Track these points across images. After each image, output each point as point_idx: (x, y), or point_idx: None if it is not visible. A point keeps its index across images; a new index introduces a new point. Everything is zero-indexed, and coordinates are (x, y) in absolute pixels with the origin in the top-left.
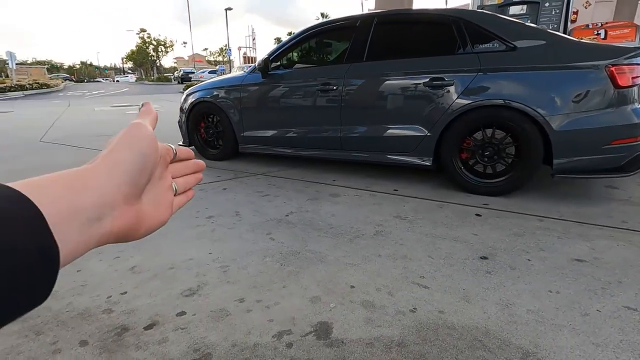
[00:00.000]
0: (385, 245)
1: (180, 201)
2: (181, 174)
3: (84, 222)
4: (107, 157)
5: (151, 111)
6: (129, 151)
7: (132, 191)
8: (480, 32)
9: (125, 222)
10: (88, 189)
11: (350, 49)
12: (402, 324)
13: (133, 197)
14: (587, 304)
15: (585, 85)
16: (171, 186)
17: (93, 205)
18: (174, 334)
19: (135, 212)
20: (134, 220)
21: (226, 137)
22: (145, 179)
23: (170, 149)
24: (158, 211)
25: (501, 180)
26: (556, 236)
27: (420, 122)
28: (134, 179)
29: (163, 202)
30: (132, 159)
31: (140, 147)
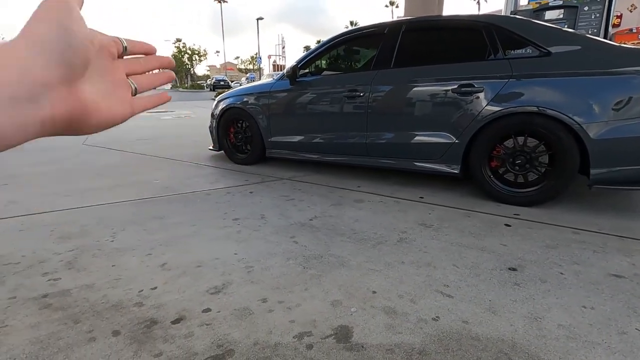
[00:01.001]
0: (409, 253)
1: (145, 102)
2: (141, 71)
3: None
4: (24, 32)
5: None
6: (48, 23)
7: (65, 71)
8: (511, 38)
9: (69, 108)
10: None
11: (378, 55)
12: (423, 332)
13: (69, 79)
14: (624, 322)
15: (626, 91)
16: (126, 82)
17: (15, 83)
18: (199, 329)
19: (78, 97)
20: (79, 107)
21: (254, 142)
22: (78, 59)
23: (117, 39)
24: (111, 105)
25: (533, 190)
26: (592, 250)
27: (448, 129)
28: (63, 56)
29: (116, 96)
30: (55, 34)
31: (60, 19)
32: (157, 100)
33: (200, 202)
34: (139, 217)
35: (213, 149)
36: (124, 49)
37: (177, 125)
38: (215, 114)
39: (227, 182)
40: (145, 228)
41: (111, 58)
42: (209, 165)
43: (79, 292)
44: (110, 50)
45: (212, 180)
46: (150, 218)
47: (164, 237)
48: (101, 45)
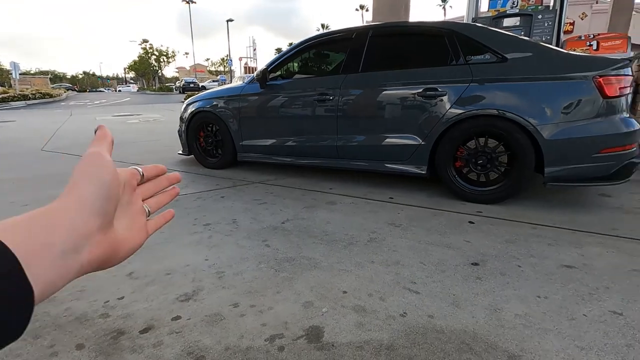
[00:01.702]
0: (379, 252)
1: (156, 223)
2: (152, 193)
3: (58, 256)
4: (71, 192)
5: (106, 135)
6: (90, 183)
7: (103, 220)
8: (471, 44)
9: (103, 251)
10: (58, 225)
11: (346, 60)
12: (392, 328)
13: (105, 226)
14: (574, 308)
15: (574, 95)
16: (143, 209)
17: (66, 239)
18: (169, 337)
19: (110, 239)
20: (111, 248)
21: (225, 146)
22: (112, 207)
23: (136, 171)
24: (132, 235)
25: (494, 189)
26: (547, 243)
27: (414, 132)
28: (102, 208)
29: (136, 226)
30: (96, 190)
31: (100, 177)
32: (165, 219)
33: (169, 208)
34: None
35: (182, 153)
36: (141, 177)
37: (144, 129)
38: (184, 118)
39: (198, 187)
40: None
41: (133, 191)
42: (179, 170)
43: (39, 306)
44: (132, 185)
45: (181, 186)
46: None
47: None
48: (125, 183)
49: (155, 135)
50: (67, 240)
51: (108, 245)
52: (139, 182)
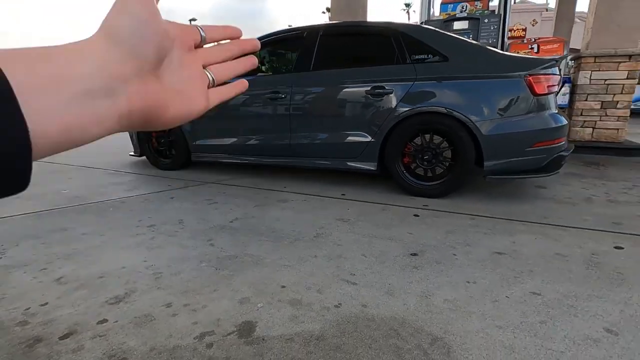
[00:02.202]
0: (323, 247)
1: (223, 93)
2: (220, 60)
3: (79, 95)
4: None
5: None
6: (125, 16)
7: (141, 64)
8: (416, 44)
9: (145, 102)
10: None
11: (298, 58)
12: (325, 319)
13: (145, 73)
14: (498, 291)
15: (508, 93)
16: (203, 75)
17: (92, 76)
18: (91, 341)
19: (155, 92)
20: (155, 101)
21: (178, 146)
22: (152, 51)
23: (195, 29)
24: (187, 99)
25: (439, 183)
26: (483, 232)
27: (364, 129)
28: (137, 48)
29: (193, 89)
30: (130, 25)
31: (137, 12)
32: (233, 90)
33: (114, 210)
34: (38, 231)
35: (134, 154)
36: (202, 38)
37: None
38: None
39: (147, 189)
40: (44, 242)
41: (187, 50)
42: (129, 172)
43: None
44: (186, 42)
45: (130, 188)
46: (51, 231)
47: (64, 250)
48: (177, 36)
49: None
50: (94, 78)
51: (152, 98)
52: (199, 43)
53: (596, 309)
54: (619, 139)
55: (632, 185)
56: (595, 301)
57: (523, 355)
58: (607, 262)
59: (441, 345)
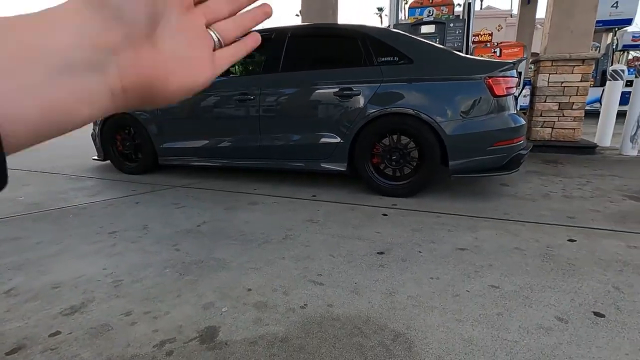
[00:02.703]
0: (291, 248)
1: (232, 54)
2: (226, 14)
3: (60, 70)
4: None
5: None
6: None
7: (130, 30)
8: (382, 47)
9: (140, 74)
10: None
11: (266, 60)
12: (290, 321)
13: (137, 40)
14: (459, 286)
15: (470, 94)
16: (206, 34)
17: (69, 46)
18: (41, 355)
19: (148, 61)
20: (152, 73)
21: (144, 149)
22: (141, 13)
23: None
24: (190, 66)
25: (407, 182)
26: (448, 229)
27: (333, 130)
28: (123, 11)
29: (195, 55)
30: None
31: None
32: (243, 48)
33: (73, 217)
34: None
35: (97, 158)
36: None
37: None
38: (97, 120)
39: (111, 194)
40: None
41: (185, 8)
42: (92, 176)
43: None
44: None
45: (92, 193)
46: (2, 240)
47: (16, 260)
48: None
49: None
50: (73, 49)
51: (148, 68)
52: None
53: (549, 299)
54: (575, 138)
55: (586, 181)
56: (548, 292)
57: (480, 346)
58: (560, 255)
59: (403, 341)
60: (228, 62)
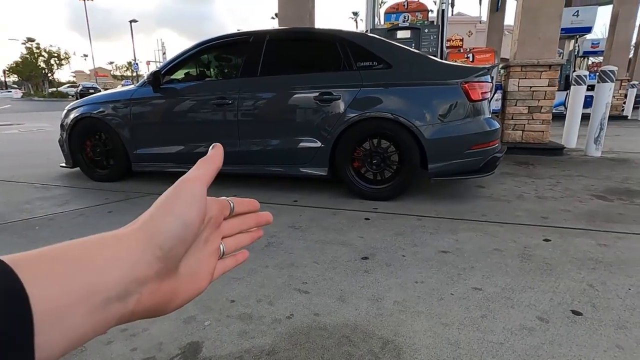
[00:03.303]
0: (275, 256)
1: (226, 266)
2: (235, 232)
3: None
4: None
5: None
6: (171, 220)
7: (165, 266)
8: (361, 51)
9: (154, 302)
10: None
11: (245, 63)
12: (276, 332)
13: (166, 273)
14: (444, 289)
15: (447, 99)
16: (218, 249)
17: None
18: None
19: (167, 288)
20: (165, 298)
21: (117, 155)
22: (183, 250)
23: (228, 204)
24: (195, 281)
25: (388, 186)
26: (429, 232)
27: (314, 135)
28: (171, 253)
29: (204, 270)
30: (174, 228)
31: (184, 214)
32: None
33: (39, 229)
34: None
35: (66, 165)
36: (230, 212)
37: (25, 140)
38: (65, 125)
39: (81, 203)
40: None
41: (217, 227)
42: (61, 185)
43: None
44: (217, 222)
45: (60, 203)
46: None
47: None
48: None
49: (37, 146)
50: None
51: (163, 295)
52: (226, 216)
53: (529, 299)
54: (544, 140)
55: (556, 182)
56: (528, 292)
57: (467, 350)
58: (537, 254)
59: (392, 349)
60: (221, 273)
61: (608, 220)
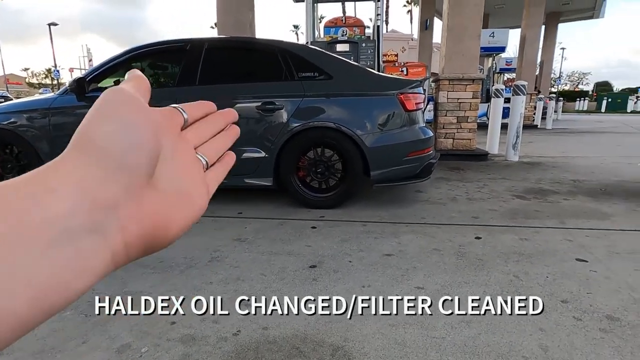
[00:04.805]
0: (219, 271)
1: (217, 174)
2: (207, 137)
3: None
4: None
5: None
6: (107, 123)
7: (132, 178)
8: (302, 62)
9: (145, 226)
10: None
11: (182, 72)
12: (222, 352)
13: (138, 188)
14: (389, 291)
15: (386, 109)
16: (196, 159)
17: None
18: None
19: (152, 208)
20: (156, 220)
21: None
22: (144, 158)
23: (176, 111)
24: (188, 197)
25: (333, 194)
26: (374, 237)
27: (257, 145)
28: (126, 160)
29: (191, 184)
30: (114, 133)
31: (121, 115)
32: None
33: None
34: None
35: None
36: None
37: None
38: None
39: None
40: None
41: (177, 136)
42: None
43: None
44: (174, 128)
45: None
46: None
47: None
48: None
49: None
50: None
51: (150, 217)
52: (183, 126)
53: (465, 293)
54: (472, 147)
55: (483, 184)
56: (464, 287)
57: (413, 348)
58: (471, 252)
59: (342, 355)
60: (216, 184)
61: (527, 217)
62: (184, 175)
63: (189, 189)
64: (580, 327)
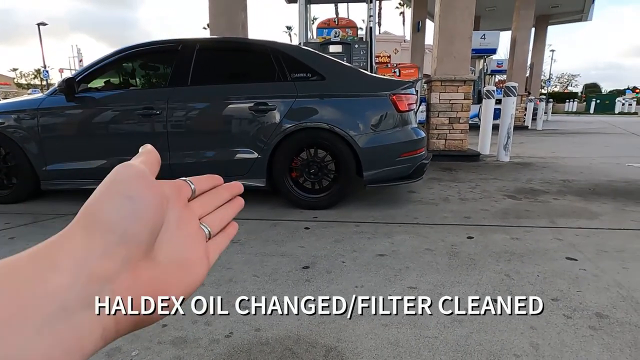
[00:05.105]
0: (211, 273)
1: (219, 245)
2: (213, 208)
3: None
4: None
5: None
6: (112, 199)
7: (130, 251)
8: (295, 63)
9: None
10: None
11: (174, 72)
12: (214, 354)
13: (136, 259)
14: (383, 291)
15: (378, 110)
16: (200, 229)
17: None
18: None
19: (149, 279)
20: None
21: (21, 173)
22: (145, 230)
23: (185, 184)
24: (187, 267)
25: (326, 195)
26: (367, 237)
27: (250, 145)
28: (127, 234)
29: (193, 253)
30: (118, 208)
31: (127, 191)
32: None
33: None
34: None
35: None
36: (192, 192)
37: None
38: None
39: None
40: None
41: (184, 207)
42: None
43: None
44: (181, 199)
45: None
46: None
47: None
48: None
49: None
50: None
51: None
52: (190, 197)
53: (458, 292)
54: (464, 147)
55: (475, 185)
56: (457, 286)
57: (406, 347)
58: (463, 251)
59: (335, 355)
60: (217, 253)
61: (518, 216)
62: (185, 245)
63: (189, 258)
64: (570, 325)
